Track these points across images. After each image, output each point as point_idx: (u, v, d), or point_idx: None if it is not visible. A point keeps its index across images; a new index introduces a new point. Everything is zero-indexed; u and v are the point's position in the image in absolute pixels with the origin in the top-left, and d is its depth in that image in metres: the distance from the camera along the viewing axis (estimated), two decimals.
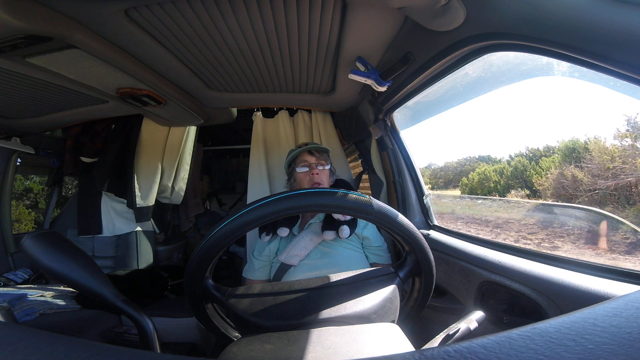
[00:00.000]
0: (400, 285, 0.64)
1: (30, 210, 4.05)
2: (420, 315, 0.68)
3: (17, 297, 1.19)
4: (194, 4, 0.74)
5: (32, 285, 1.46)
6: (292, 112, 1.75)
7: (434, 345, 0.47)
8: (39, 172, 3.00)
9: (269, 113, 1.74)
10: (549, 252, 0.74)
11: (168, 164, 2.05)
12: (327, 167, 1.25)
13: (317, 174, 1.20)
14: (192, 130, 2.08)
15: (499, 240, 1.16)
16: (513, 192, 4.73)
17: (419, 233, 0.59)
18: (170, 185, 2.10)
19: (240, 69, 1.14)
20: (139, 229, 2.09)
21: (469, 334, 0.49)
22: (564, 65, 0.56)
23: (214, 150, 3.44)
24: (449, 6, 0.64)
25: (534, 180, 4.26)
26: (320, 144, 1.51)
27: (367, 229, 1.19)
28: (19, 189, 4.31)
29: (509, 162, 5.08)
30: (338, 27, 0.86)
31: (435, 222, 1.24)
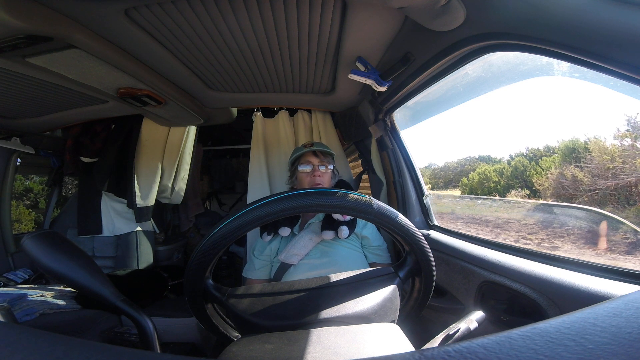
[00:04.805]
0: (400, 285, 0.64)
1: (30, 210, 4.05)
2: (420, 315, 0.68)
3: (17, 297, 1.19)
4: (194, 4, 0.74)
5: (32, 285, 1.46)
6: (292, 112, 1.75)
7: (434, 345, 0.47)
8: (39, 172, 3.00)
9: (269, 113, 1.74)
10: (549, 252, 0.74)
11: (168, 164, 2.05)
12: (330, 168, 1.26)
13: (319, 175, 1.21)
14: (192, 130, 2.08)
15: (499, 240, 1.16)
16: (513, 192, 4.73)
17: (419, 233, 0.59)
18: (170, 185, 2.10)
19: (240, 69, 1.14)
20: (139, 229, 2.09)
21: (469, 334, 0.49)
22: (564, 65, 0.56)
23: (214, 150, 3.43)
24: (449, 6, 0.64)
25: (534, 180, 4.26)
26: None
27: (367, 229, 1.19)
28: (19, 189, 4.32)
29: (509, 162, 5.08)
30: (338, 27, 0.86)
31: (435, 222, 1.24)
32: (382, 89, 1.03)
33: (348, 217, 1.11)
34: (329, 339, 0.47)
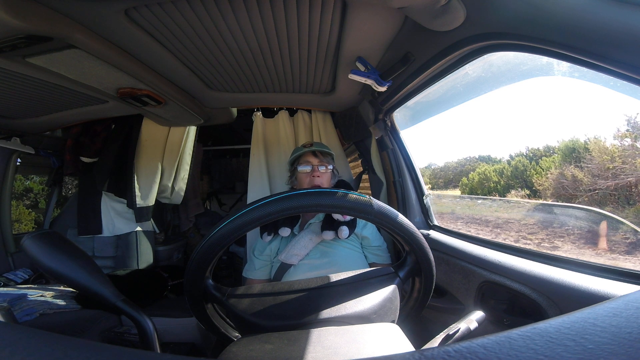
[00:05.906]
0: (400, 285, 0.64)
1: (30, 210, 4.05)
2: (420, 315, 0.68)
3: (17, 297, 1.19)
4: (194, 4, 0.74)
5: (32, 285, 1.46)
6: (292, 112, 1.75)
7: (434, 345, 0.47)
8: (39, 172, 3.00)
9: (269, 113, 1.74)
10: (549, 252, 0.74)
11: (168, 164, 2.05)
12: (330, 168, 1.26)
13: (319, 176, 1.21)
14: (192, 130, 2.08)
15: (499, 240, 1.16)
16: (513, 192, 4.73)
17: (419, 233, 0.59)
18: (170, 185, 2.10)
19: (240, 69, 1.14)
20: (139, 229, 2.09)
21: (469, 334, 0.49)
22: (564, 65, 0.56)
23: (214, 150, 3.44)
24: (449, 6, 0.64)
25: (534, 180, 4.26)
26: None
27: (367, 229, 1.19)
28: (19, 189, 4.32)
29: (509, 162, 5.08)
30: (338, 27, 0.86)
31: (435, 222, 1.24)
32: (382, 89, 1.03)
33: (348, 217, 1.11)
34: (329, 339, 0.47)
